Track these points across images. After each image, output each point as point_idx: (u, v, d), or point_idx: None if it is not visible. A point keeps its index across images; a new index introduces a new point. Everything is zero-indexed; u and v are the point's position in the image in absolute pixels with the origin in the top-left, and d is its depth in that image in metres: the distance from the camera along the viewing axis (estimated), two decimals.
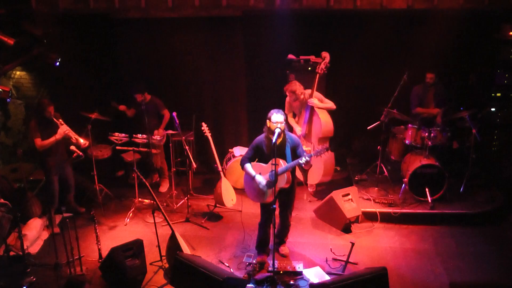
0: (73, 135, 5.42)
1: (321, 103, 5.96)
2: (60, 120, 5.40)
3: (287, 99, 6.17)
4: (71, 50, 6.57)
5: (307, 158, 4.40)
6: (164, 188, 6.80)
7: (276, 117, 4.51)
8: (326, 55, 5.93)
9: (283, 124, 4.52)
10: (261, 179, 4.65)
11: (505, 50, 6.44)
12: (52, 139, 5.34)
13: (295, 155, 4.67)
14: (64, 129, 5.37)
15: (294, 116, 6.33)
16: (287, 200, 4.91)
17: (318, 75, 5.91)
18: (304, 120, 6.11)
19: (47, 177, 5.65)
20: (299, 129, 6.15)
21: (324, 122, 6.00)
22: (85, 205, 6.22)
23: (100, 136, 6.57)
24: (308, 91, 6.00)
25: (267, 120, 4.58)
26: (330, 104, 5.98)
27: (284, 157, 4.63)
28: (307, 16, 6.70)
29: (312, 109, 6.04)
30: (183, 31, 6.88)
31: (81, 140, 5.46)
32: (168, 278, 4.73)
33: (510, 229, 5.57)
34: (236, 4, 6.46)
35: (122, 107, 6.51)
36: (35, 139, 5.36)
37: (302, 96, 5.99)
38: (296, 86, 5.96)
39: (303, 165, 4.47)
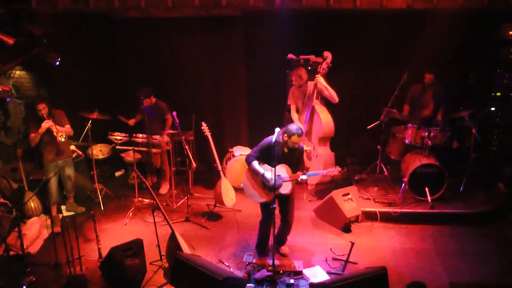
0: (55, 129, 5.43)
1: (326, 84, 5.92)
2: (45, 115, 5.42)
3: (292, 88, 6.20)
4: (71, 50, 6.57)
5: (307, 176, 4.65)
6: (164, 189, 6.77)
7: (297, 139, 4.52)
8: (328, 54, 5.92)
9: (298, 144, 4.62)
10: (271, 175, 4.64)
11: (504, 50, 6.44)
12: (37, 132, 5.41)
13: (299, 163, 4.77)
14: (46, 123, 5.40)
15: (297, 111, 6.33)
16: (288, 205, 4.93)
17: (319, 74, 5.91)
18: (305, 119, 6.12)
19: (46, 175, 5.66)
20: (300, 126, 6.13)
21: (324, 121, 6.02)
22: (85, 205, 6.22)
23: (100, 136, 6.56)
24: (311, 82, 6.06)
25: (285, 135, 4.55)
26: (334, 93, 5.93)
27: (291, 166, 4.70)
28: (307, 16, 6.70)
29: (313, 109, 6.06)
30: (183, 31, 6.87)
31: (59, 134, 5.46)
32: (168, 277, 4.73)
33: (510, 229, 5.57)
34: (236, 3, 6.45)
35: (122, 119, 6.51)
36: (30, 134, 5.49)
37: (306, 81, 6.10)
38: (302, 70, 6.08)
39: (300, 180, 4.65)
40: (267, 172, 4.67)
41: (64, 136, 5.47)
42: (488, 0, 6.09)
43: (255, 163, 4.74)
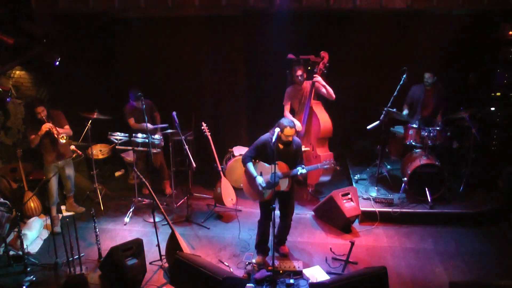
0: (55, 131, 5.44)
1: (324, 82, 5.91)
2: (44, 118, 5.41)
3: (288, 88, 6.19)
4: (71, 50, 6.56)
5: (306, 169, 4.62)
6: (169, 189, 6.73)
7: (290, 131, 4.52)
8: (325, 54, 5.93)
9: (292, 136, 4.60)
10: (261, 181, 4.67)
11: (504, 50, 6.44)
12: (36, 134, 5.41)
13: (297, 159, 4.72)
14: (46, 126, 5.40)
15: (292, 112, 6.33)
16: (287, 202, 4.93)
17: (317, 74, 5.90)
18: (303, 119, 6.11)
19: (46, 176, 5.66)
20: (299, 125, 6.11)
21: (323, 122, 6.01)
22: (85, 205, 6.22)
23: (100, 136, 6.56)
24: (308, 82, 6.06)
25: (278, 128, 4.54)
26: (331, 90, 5.93)
27: (288, 162, 4.67)
28: (307, 16, 6.70)
29: (311, 109, 6.05)
30: (183, 31, 6.87)
31: (60, 136, 5.47)
32: (168, 277, 4.73)
33: (509, 229, 5.58)
34: (236, 3, 6.44)
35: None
36: (29, 135, 5.48)
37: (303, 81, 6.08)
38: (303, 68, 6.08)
39: (300, 176, 4.64)
40: (258, 176, 4.69)
41: (65, 138, 5.48)
42: (488, 0, 6.09)
43: (250, 165, 4.75)
